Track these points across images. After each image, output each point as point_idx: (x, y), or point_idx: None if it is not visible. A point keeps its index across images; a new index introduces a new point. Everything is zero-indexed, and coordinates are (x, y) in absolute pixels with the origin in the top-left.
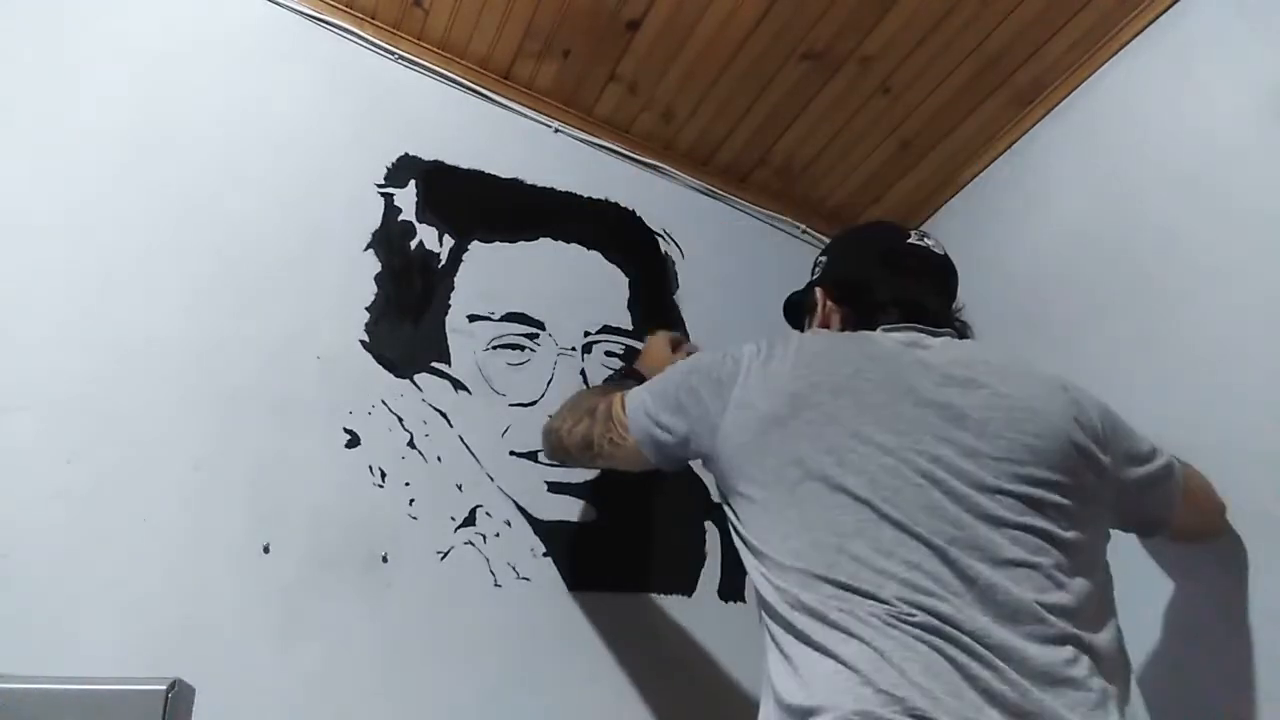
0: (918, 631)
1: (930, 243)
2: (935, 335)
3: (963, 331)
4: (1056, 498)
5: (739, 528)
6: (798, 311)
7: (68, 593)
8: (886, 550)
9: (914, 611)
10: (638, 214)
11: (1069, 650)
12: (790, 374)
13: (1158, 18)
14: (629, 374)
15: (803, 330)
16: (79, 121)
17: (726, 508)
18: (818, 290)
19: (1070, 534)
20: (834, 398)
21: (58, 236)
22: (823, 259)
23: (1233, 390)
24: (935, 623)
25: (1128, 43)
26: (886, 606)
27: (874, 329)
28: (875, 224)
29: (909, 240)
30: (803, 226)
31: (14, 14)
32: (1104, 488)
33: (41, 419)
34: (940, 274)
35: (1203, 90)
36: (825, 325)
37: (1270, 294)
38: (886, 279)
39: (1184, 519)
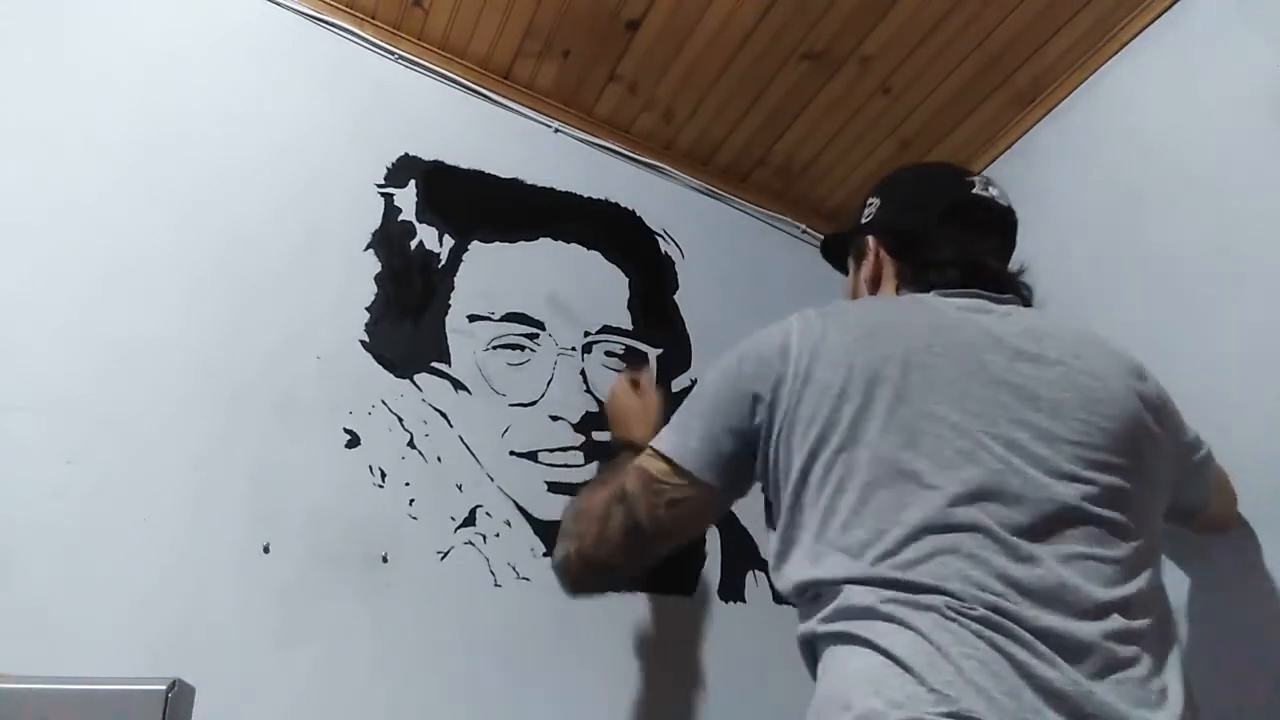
0: (978, 627)
1: (995, 192)
2: (1000, 302)
3: (1027, 298)
4: (1127, 485)
5: (786, 510)
6: (839, 250)
7: (67, 593)
8: (952, 543)
9: (974, 606)
10: (638, 214)
11: (1133, 648)
12: (855, 346)
13: (1158, 18)
14: (618, 449)
15: (845, 272)
16: (79, 121)
17: (772, 489)
18: (870, 239)
19: (1138, 524)
20: (903, 373)
21: (58, 236)
22: (875, 200)
23: (1233, 390)
24: (996, 618)
25: (1128, 43)
26: (946, 599)
27: (928, 289)
28: (936, 168)
29: (974, 190)
30: (803, 226)
31: (14, 14)
32: (1164, 473)
33: (41, 419)
34: (1005, 230)
35: (1203, 90)
36: (875, 279)
37: (1272, 294)
38: (951, 236)
39: (1214, 508)
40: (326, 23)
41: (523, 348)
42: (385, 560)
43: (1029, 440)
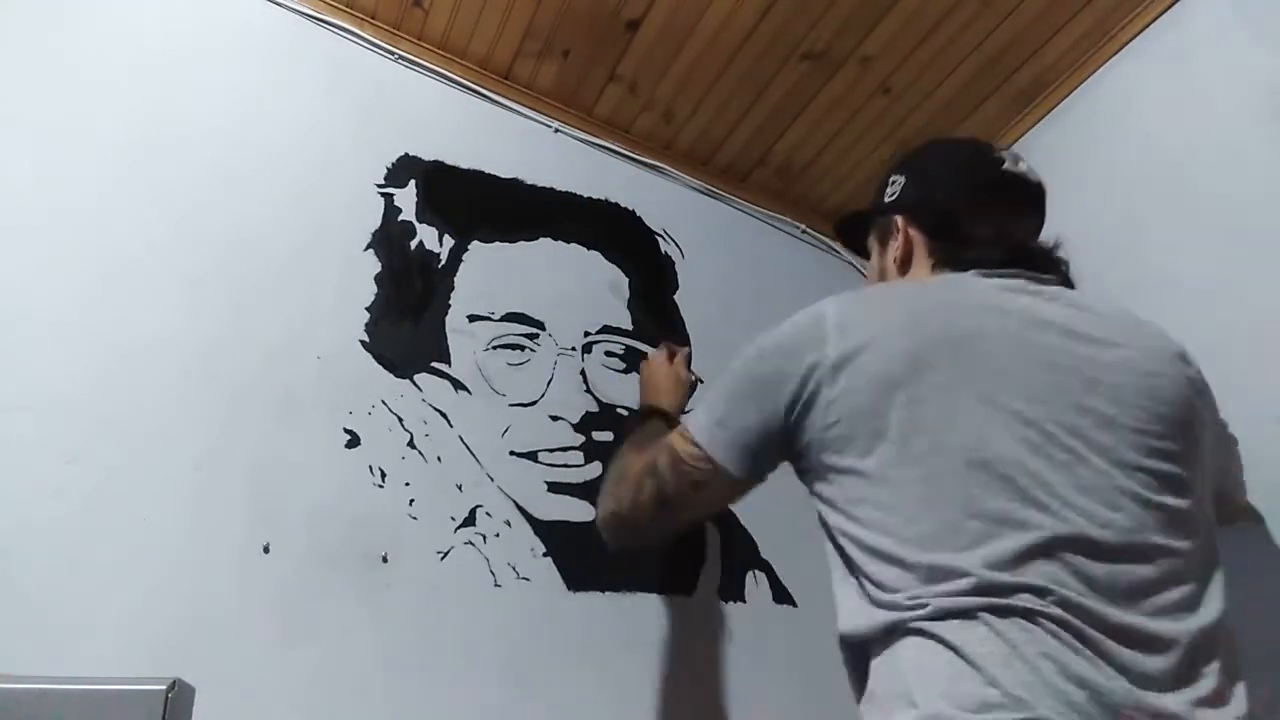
0: (1054, 627)
1: (1025, 167)
2: (1042, 282)
3: (1067, 275)
4: (1184, 474)
5: (839, 506)
6: (858, 231)
7: (68, 592)
8: (1028, 541)
9: (1050, 605)
10: (638, 214)
11: (1200, 648)
12: (899, 330)
13: (1158, 18)
14: (647, 414)
15: (863, 253)
16: (79, 121)
17: (821, 484)
18: (898, 218)
19: (1199, 513)
20: (955, 358)
21: (58, 236)
22: (899, 178)
23: (1234, 391)
24: (1072, 619)
25: (1128, 43)
26: (1022, 596)
27: (966, 269)
28: (962, 144)
29: (1004, 166)
30: (803, 226)
31: (14, 14)
32: (1211, 460)
33: (41, 419)
34: (1038, 206)
35: (1203, 90)
36: (906, 259)
37: (1272, 294)
38: (986, 214)
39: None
40: (326, 23)
41: (523, 348)
42: (385, 560)
43: (1091, 427)
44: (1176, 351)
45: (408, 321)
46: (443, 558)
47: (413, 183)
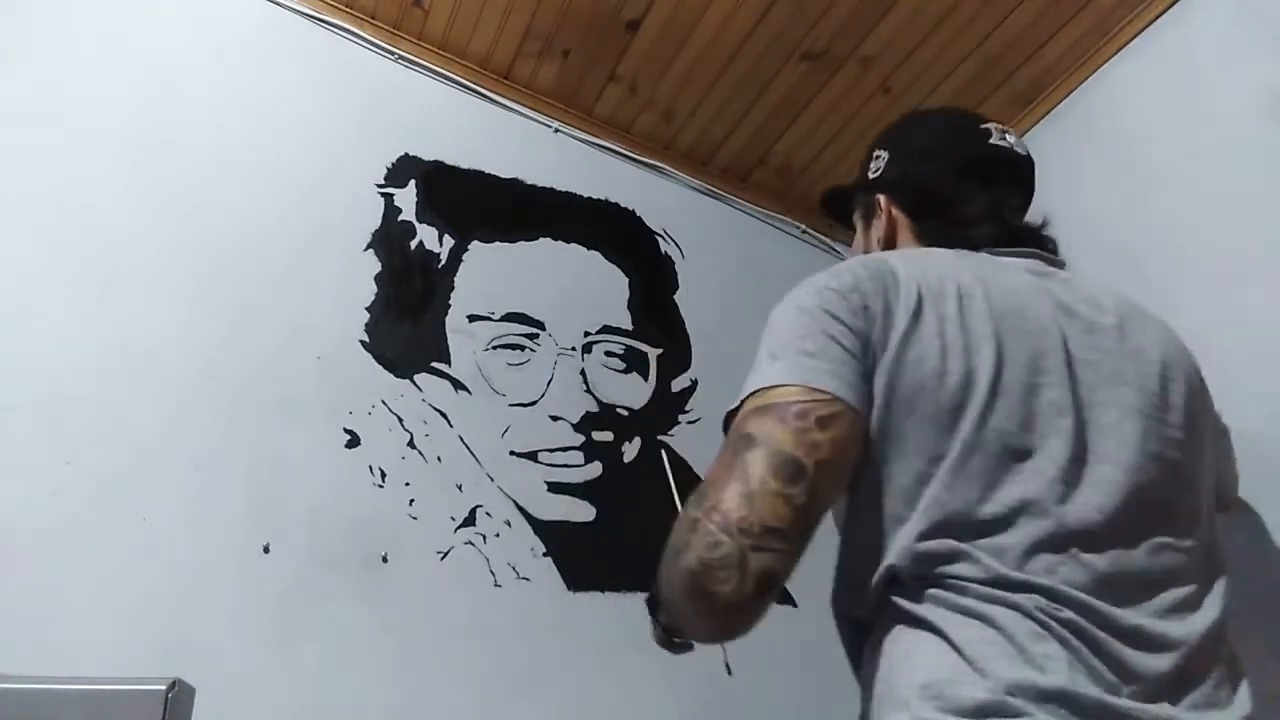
0: (1063, 633)
1: (1012, 139)
2: (1054, 264)
3: (1059, 256)
4: (1200, 469)
5: (869, 492)
6: (841, 208)
7: (68, 593)
8: (1046, 532)
9: (1063, 607)
10: (638, 214)
11: (1203, 649)
12: (949, 301)
13: (1158, 18)
14: None
15: (850, 226)
16: (80, 122)
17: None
18: (881, 197)
19: (1203, 511)
20: (999, 341)
21: (58, 237)
22: (883, 154)
23: (1233, 391)
24: (1084, 623)
25: (1128, 43)
26: (1035, 597)
27: (973, 249)
28: (948, 115)
29: (992, 140)
30: (803, 226)
31: (14, 14)
32: (1212, 452)
33: (41, 419)
34: (1026, 182)
35: (1203, 90)
36: (890, 241)
37: (1272, 294)
38: (974, 191)
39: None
40: (327, 23)
41: (523, 348)
42: (385, 560)
43: (1118, 419)
44: (1179, 342)
45: (408, 321)
46: (443, 558)
47: (413, 183)
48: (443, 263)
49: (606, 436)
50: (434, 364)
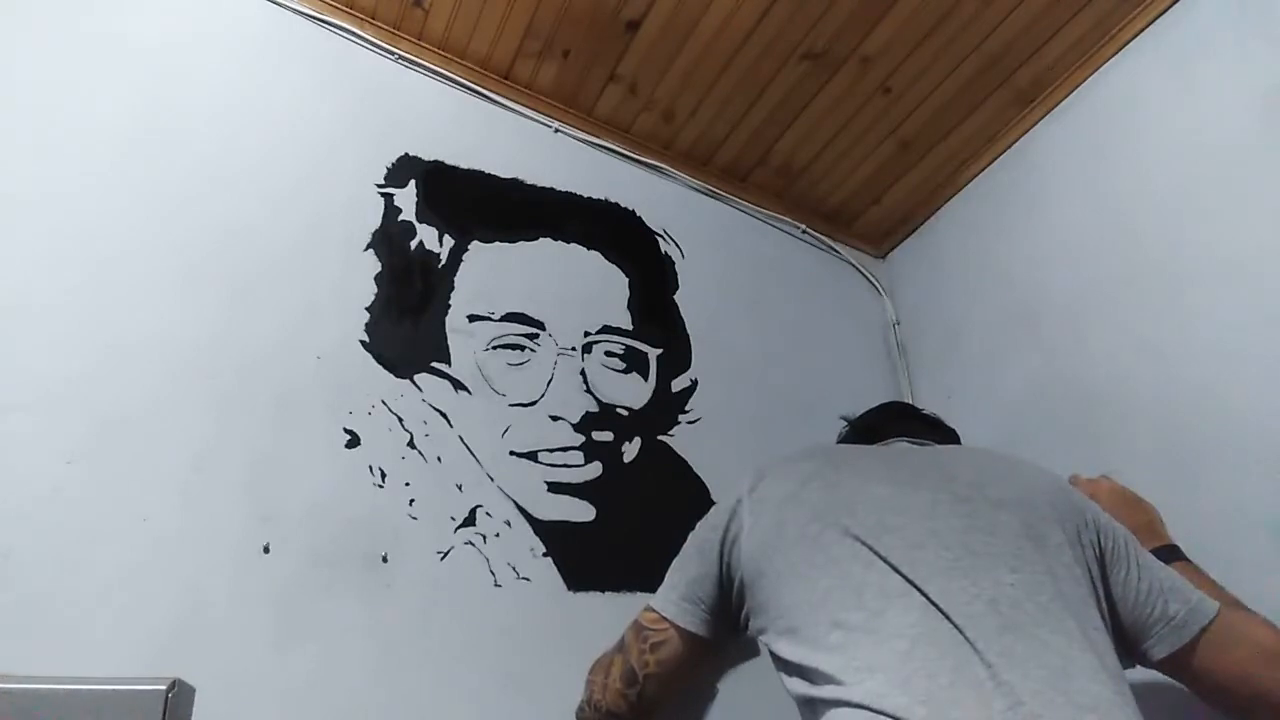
0: None
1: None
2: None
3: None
4: None
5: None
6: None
7: (67, 593)
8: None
9: None
10: (638, 214)
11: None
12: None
13: (1158, 18)
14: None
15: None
16: (78, 121)
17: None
18: None
19: None
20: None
21: (57, 236)
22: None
23: (1232, 390)
24: None
25: (1128, 43)
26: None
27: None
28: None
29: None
30: (803, 226)
31: (13, 12)
32: None
33: (41, 419)
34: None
35: (1203, 90)
36: None
37: (1272, 294)
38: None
39: None
40: (326, 22)
41: (523, 348)
42: (385, 560)
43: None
44: None
45: (407, 321)
46: (443, 558)
47: (413, 182)
48: (443, 263)
49: (606, 436)
50: (434, 364)
